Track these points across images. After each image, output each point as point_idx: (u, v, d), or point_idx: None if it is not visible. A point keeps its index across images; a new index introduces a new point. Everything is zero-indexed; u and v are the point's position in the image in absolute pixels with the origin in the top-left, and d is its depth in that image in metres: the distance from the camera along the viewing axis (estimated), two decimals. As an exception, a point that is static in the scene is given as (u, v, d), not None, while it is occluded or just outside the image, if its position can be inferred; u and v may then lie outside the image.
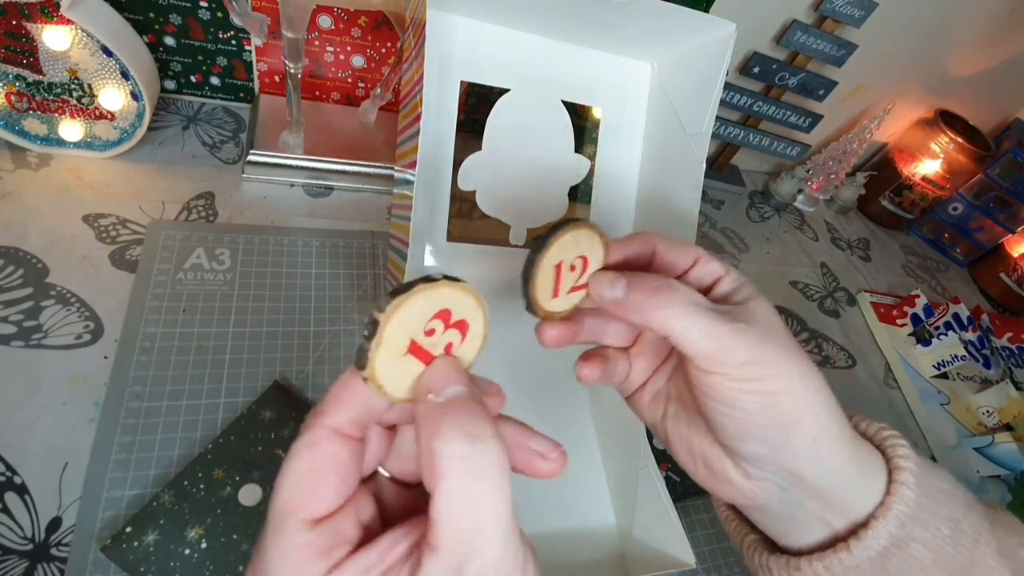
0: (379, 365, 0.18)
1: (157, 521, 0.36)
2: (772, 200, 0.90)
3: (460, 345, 0.21)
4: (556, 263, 0.27)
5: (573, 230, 0.26)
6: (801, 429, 0.24)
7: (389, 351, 0.18)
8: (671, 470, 0.50)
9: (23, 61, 0.49)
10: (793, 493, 0.26)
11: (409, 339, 0.19)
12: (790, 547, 0.28)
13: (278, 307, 0.51)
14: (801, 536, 0.27)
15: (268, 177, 0.61)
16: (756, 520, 0.29)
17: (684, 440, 0.28)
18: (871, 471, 0.26)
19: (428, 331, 0.19)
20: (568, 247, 0.27)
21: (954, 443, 0.66)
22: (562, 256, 0.27)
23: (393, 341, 0.18)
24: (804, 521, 0.26)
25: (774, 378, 0.24)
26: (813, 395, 0.24)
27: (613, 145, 0.47)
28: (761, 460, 0.25)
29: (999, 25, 0.81)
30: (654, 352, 0.30)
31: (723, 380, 0.24)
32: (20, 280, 0.45)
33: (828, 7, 0.69)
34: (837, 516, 0.26)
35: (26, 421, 0.39)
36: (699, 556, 0.45)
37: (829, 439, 0.25)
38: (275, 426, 0.42)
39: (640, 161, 0.48)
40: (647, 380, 0.30)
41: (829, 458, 0.25)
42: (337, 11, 0.61)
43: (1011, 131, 0.95)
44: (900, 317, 0.78)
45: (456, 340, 0.21)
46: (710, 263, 0.27)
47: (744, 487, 0.26)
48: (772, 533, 0.28)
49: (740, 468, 0.26)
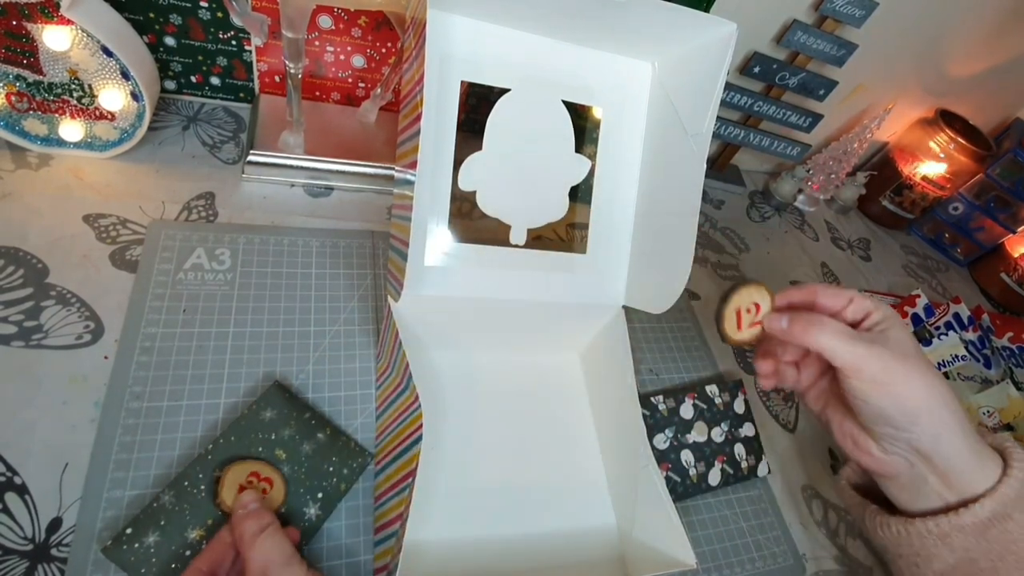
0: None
1: (158, 522, 0.36)
2: (772, 200, 0.90)
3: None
4: (736, 309, 0.42)
5: (745, 287, 0.42)
6: (921, 421, 0.35)
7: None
8: (671, 470, 0.50)
9: (23, 61, 0.49)
10: (919, 469, 0.37)
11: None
12: (907, 510, 0.38)
13: (278, 307, 0.51)
14: (919, 503, 0.38)
15: (268, 177, 0.61)
16: (886, 487, 0.40)
17: (838, 423, 0.40)
18: (988, 465, 0.36)
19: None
20: (743, 298, 0.42)
21: (954, 443, 0.66)
22: (740, 304, 0.42)
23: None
24: (925, 492, 0.37)
25: (898, 383, 0.34)
26: (933, 398, 0.35)
27: (613, 145, 0.47)
28: (893, 439, 0.36)
29: (999, 25, 0.81)
30: (817, 365, 0.43)
31: (860, 383, 0.35)
32: (20, 280, 0.45)
33: (828, 7, 0.69)
34: (952, 492, 0.36)
35: (26, 421, 0.39)
36: (699, 556, 0.46)
37: (949, 433, 0.35)
38: (276, 426, 0.41)
39: (640, 161, 0.48)
40: (813, 383, 0.43)
41: (950, 446, 0.35)
42: (337, 11, 0.61)
43: (1011, 131, 0.95)
44: (901, 317, 0.78)
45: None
46: (862, 302, 0.39)
47: (881, 458, 0.38)
48: (896, 499, 0.39)
49: (880, 444, 0.37)
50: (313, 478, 0.41)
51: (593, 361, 0.54)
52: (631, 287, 0.49)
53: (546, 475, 0.48)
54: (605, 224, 0.49)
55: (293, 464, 0.41)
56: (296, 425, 0.42)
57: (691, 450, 0.52)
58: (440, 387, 0.50)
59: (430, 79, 0.40)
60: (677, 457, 0.51)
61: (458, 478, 0.45)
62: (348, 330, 0.51)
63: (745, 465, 0.53)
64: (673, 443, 0.52)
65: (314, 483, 0.40)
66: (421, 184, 0.42)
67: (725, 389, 0.57)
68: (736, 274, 0.75)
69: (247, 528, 0.35)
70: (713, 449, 0.53)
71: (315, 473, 0.41)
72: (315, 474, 0.41)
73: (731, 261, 0.77)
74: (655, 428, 0.52)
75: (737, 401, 0.57)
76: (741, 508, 0.52)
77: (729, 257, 0.77)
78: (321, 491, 0.40)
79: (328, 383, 0.48)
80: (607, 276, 0.49)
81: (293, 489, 0.40)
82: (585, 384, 0.55)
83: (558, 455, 0.50)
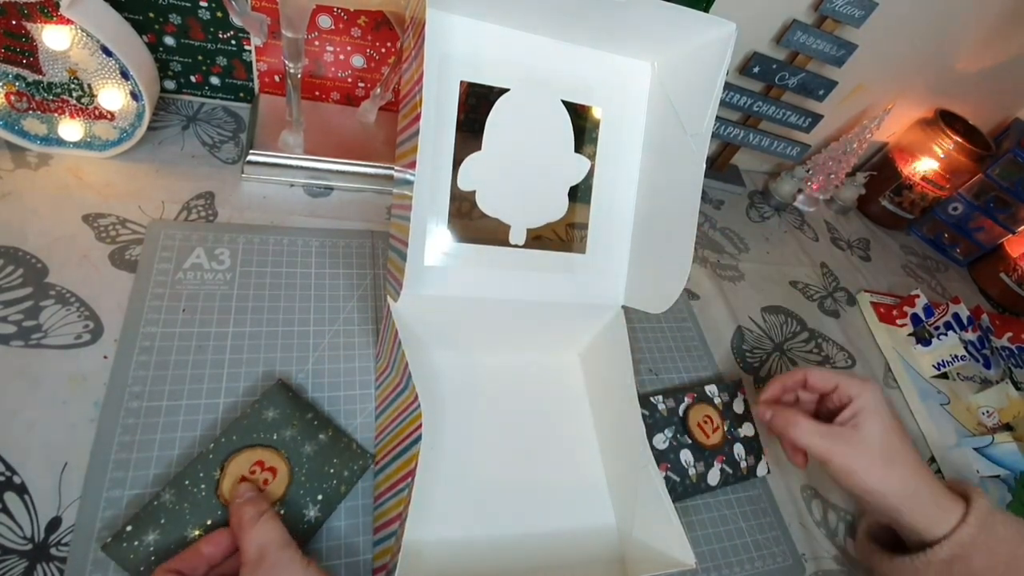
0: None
1: (158, 521, 0.36)
2: (772, 200, 0.90)
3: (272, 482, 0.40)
4: (697, 423, 0.53)
5: (695, 407, 0.54)
6: (883, 501, 0.44)
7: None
8: (670, 470, 0.50)
9: (23, 61, 0.49)
10: (893, 518, 0.46)
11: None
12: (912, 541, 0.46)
13: (277, 307, 0.51)
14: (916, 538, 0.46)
15: (268, 177, 0.61)
16: (895, 521, 0.47)
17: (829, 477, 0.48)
18: (950, 512, 0.44)
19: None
20: (698, 413, 0.54)
21: (954, 443, 0.66)
22: (697, 419, 0.53)
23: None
24: (907, 536, 0.46)
25: (859, 473, 0.44)
26: (892, 481, 0.44)
27: (613, 145, 0.47)
28: (860, 500, 0.47)
29: (999, 24, 0.81)
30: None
31: (829, 471, 0.46)
32: (20, 280, 0.45)
33: (828, 7, 0.69)
34: (922, 535, 0.44)
35: (26, 421, 0.39)
36: (699, 556, 0.45)
37: (911, 501, 0.44)
38: (278, 426, 0.41)
39: (640, 161, 0.48)
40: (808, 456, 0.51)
41: (912, 509, 0.44)
42: (337, 11, 0.61)
43: (1011, 131, 0.95)
44: (900, 317, 0.78)
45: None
46: (847, 389, 0.47)
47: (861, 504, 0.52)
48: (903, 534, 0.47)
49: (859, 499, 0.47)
50: (314, 480, 0.41)
51: (593, 361, 0.54)
52: (631, 287, 0.49)
53: (546, 475, 0.48)
54: (605, 224, 0.49)
55: (294, 465, 0.40)
56: (299, 425, 0.42)
57: (690, 450, 0.52)
58: (439, 387, 0.50)
59: (429, 79, 0.40)
60: (676, 457, 0.51)
61: (457, 478, 0.45)
62: (348, 330, 0.51)
63: (744, 465, 0.53)
64: (672, 443, 0.52)
65: (315, 484, 0.40)
66: (420, 184, 0.42)
67: (724, 389, 0.57)
68: (736, 274, 0.75)
69: (245, 513, 0.35)
70: (712, 449, 0.53)
71: (316, 475, 0.41)
72: (316, 476, 0.41)
73: (731, 261, 0.77)
74: (655, 428, 0.52)
75: (736, 401, 0.57)
76: (740, 508, 0.52)
77: (729, 257, 0.77)
78: (321, 493, 0.40)
79: (328, 383, 0.48)
80: (607, 276, 0.49)
81: (294, 488, 0.40)
82: (585, 384, 0.55)
83: (558, 455, 0.50)
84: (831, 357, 0.71)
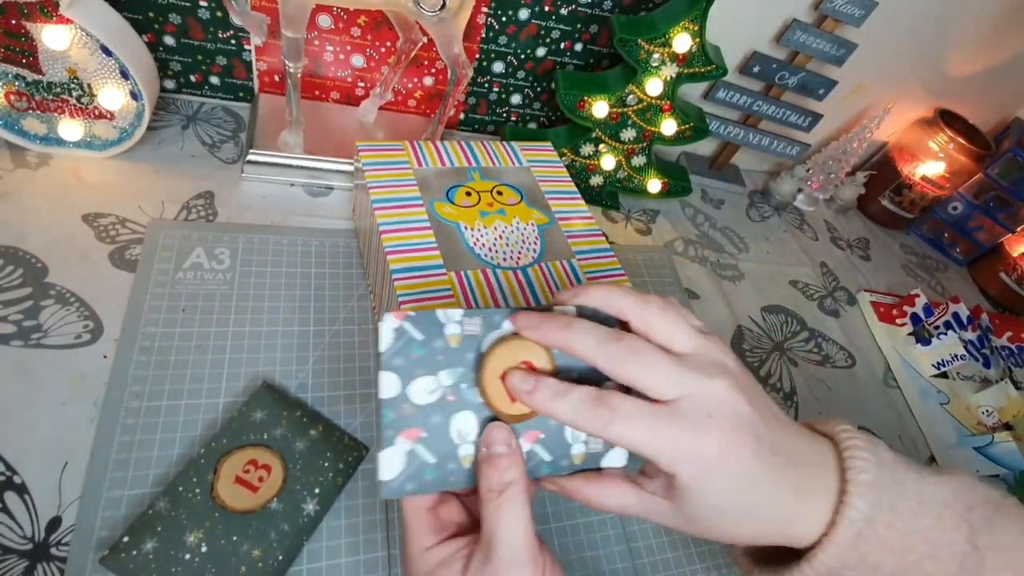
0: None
1: (154, 529, 0.36)
2: (772, 199, 0.90)
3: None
4: (499, 375, 0.28)
5: (504, 343, 0.29)
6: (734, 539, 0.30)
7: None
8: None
9: (22, 60, 0.49)
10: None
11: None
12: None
13: (277, 307, 0.51)
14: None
15: (268, 177, 0.61)
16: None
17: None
18: (816, 496, 0.28)
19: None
20: (504, 358, 0.28)
21: (954, 443, 0.66)
22: (503, 366, 0.28)
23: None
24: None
25: (677, 462, 0.27)
26: (742, 533, 0.29)
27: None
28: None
29: (999, 24, 0.81)
30: None
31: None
32: (19, 280, 0.45)
33: (828, 6, 0.69)
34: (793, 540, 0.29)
35: (26, 421, 0.39)
36: (699, 555, 0.46)
37: (769, 532, 0.28)
38: (267, 426, 0.41)
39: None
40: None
41: (775, 538, 0.28)
42: (337, 11, 0.61)
43: (1011, 130, 0.95)
44: (900, 316, 0.78)
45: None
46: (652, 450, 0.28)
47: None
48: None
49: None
50: (309, 474, 0.41)
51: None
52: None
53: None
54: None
55: (288, 461, 0.41)
56: (288, 424, 0.42)
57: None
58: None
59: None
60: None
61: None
62: (348, 330, 0.51)
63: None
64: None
65: (310, 479, 0.41)
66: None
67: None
68: (735, 273, 0.75)
69: (483, 478, 0.28)
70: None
71: (311, 469, 0.41)
72: (311, 470, 0.41)
73: (731, 261, 0.77)
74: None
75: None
76: (740, 507, 0.52)
77: (728, 257, 0.77)
78: (318, 486, 0.41)
79: (328, 383, 0.48)
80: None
81: (290, 484, 0.40)
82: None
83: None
84: (831, 356, 0.71)
